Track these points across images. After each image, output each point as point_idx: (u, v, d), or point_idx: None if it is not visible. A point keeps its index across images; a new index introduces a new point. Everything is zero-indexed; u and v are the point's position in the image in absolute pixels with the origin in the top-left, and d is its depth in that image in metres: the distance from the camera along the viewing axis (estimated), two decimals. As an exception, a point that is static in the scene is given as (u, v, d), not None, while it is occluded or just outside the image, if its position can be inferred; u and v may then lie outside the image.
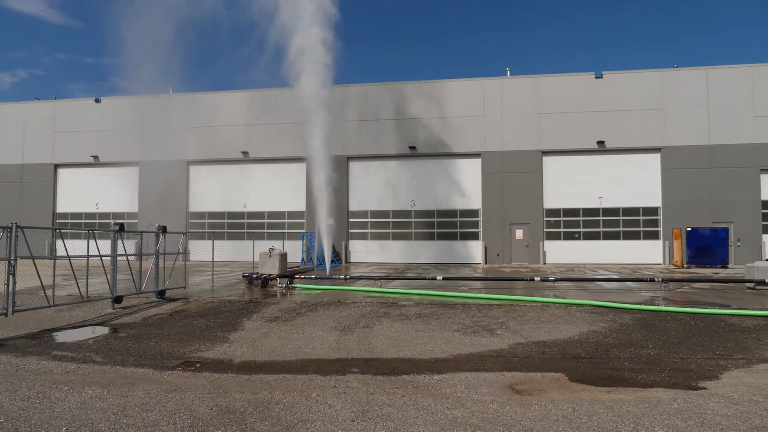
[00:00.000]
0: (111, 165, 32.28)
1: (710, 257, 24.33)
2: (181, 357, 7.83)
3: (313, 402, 5.73)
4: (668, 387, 6.25)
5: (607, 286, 16.82)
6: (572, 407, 5.51)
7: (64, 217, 33.00)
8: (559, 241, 27.87)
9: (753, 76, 26.54)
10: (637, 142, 27.20)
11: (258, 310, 12.28)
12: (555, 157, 28.01)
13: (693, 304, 12.84)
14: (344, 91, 29.61)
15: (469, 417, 5.27)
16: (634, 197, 27.33)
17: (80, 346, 8.64)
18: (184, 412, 5.41)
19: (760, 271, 15.23)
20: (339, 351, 8.20)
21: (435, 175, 29.05)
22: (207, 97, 31.60)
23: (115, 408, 5.55)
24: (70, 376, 6.80)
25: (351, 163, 29.77)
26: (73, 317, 11.38)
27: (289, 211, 30.41)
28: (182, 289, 15.56)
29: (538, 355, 7.93)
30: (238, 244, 29.62)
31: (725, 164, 26.38)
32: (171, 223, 20.94)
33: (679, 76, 27.29)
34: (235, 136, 30.31)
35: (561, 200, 27.88)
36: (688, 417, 5.23)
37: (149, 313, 12.05)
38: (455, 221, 28.89)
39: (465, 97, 28.74)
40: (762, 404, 5.61)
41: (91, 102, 32.92)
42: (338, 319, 10.90)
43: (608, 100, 27.51)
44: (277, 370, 7.10)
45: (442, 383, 6.42)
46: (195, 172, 31.57)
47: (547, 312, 11.74)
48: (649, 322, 10.44)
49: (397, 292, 15.05)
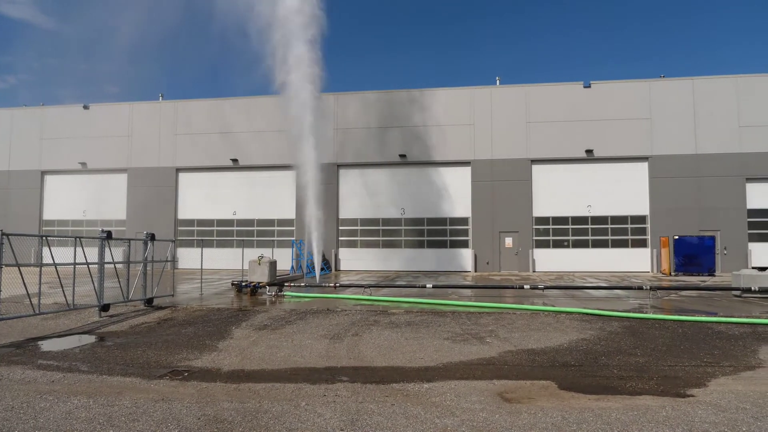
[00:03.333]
0: (99, 172, 32.04)
1: (697, 265, 24.55)
2: (168, 366, 7.75)
3: (302, 411, 5.69)
4: (656, 394, 6.28)
5: (596, 294, 16.90)
6: (562, 415, 5.52)
7: (51, 224, 32.66)
8: (548, 249, 28.00)
9: (738, 86, 26.93)
10: (625, 151, 27.46)
11: (247, 318, 12.21)
12: (544, 165, 28.19)
13: (681, 311, 12.93)
14: (334, 99, 29.67)
15: (459, 425, 5.25)
16: (623, 206, 27.54)
17: (66, 355, 8.53)
18: (172, 422, 5.36)
19: (746, 279, 15.38)
20: (328, 359, 8.16)
21: (425, 183, 29.11)
22: (196, 104, 31.53)
23: (101, 418, 5.47)
24: (56, 385, 6.71)
25: (341, 170, 29.77)
26: (59, 326, 11.25)
27: (279, 218, 30.32)
28: (170, 297, 15.44)
29: (527, 363, 7.94)
30: (227, 251, 29.47)
31: (712, 173, 26.69)
32: (159, 230, 20.82)
33: (666, 86, 27.64)
34: (224, 143, 30.24)
35: (550, 208, 28.04)
36: (677, 425, 5.25)
37: (137, 321, 11.93)
38: (445, 229, 28.93)
39: (455, 106, 28.89)
40: (749, 411, 5.65)
41: (79, 108, 32.70)
42: (328, 327, 10.86)
43: (596, 110, 27.77)
44: (266, 378, 7.05)
45: (432, 391, 6.41)
46: (184, 180, 31.40)
47: (536, 320, 11.78)
48: (638, 330, 10.50)
49: (387, 300, 15.02)
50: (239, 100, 30.97)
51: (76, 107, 32.89)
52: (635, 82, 28.00)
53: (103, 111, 32.48)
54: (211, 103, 31.34)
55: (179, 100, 31.83)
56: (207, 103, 31.39)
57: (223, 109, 30.86)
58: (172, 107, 31.60)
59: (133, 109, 32.07)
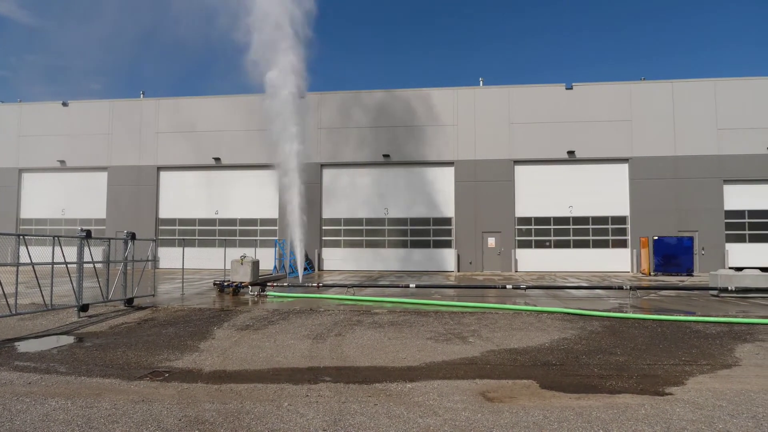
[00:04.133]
0: (78, 170, 31.57)
1: (676, 265, 24.94)
2: (148, 367, 7.66)
3: (285, 411, 5.67)
4: (636, 393, 6.36)
5: (577, 293, 17.08)
6: (543, 414, 5.57)
7: (29, 223, 32.09)
8: (530, 249, 28.22)
9: (716, 90, 27.41)
10: (606, 152, 27.79)
11: (229, 318, 12.12)
12: (527, 166, 28.40)
13: (660, 311, 13.12)
14: (318, 99, 29.59)
15: (442, 425, 5.27)
16: (603, 206, 27.87)
17: (43, 356, 8.39)
18: (152, 423, 5.29)
19: (723, 279, 15.68)
20: (311, 359, 8.13)
21: (408, 183, 29.15)
22: (178, 102, 31.21)
23: (80, 420, 5.39)
24: (33, 387, 6.59)
25: (324, 170, 29.69)
26: (36, 326, 11.05)
27: (262, 218, 30.14)
28: (151, 297, 15.27)
29: (509, 362, 7.99)
30: (209, 251, 29.23)
31: (690, 175, 27.14)
32: (140, 229, 20.58)
33: (646, 89, 28.03)
34: (207, 142, 29.97)
35: (532, 209, 28.26)
36: (655, 422, 5.33)
37: (116, 321, 11.77)
38: (428, 229, 29.01)
39: (439, 106, 28.97)
40: (725, 409, 5.75)
41: (58, 105, 32.17)
42: (311, 328, 10.82)
43: (578, 111, 28.06)
44: (248, 379, 7.01)
45: (415, 391, 6.42)
46: (165, 178, 31.06)
47: (518, 319, 11.86)
48: (618, 329, 10.63)
49: (370, 300, 15.02)
50: (222, 98, 30.74)
51: (55, 104, 32.35)
52: (616, 84, 28.36)
53: (83, 108, 32.00)
54: (193, 101, 31.03)
55: (161, 98, 31.47)
56: (189, 101, 31.07)
57: (205, 107, 30.58)
58: (154, 105, 31.24)
59: (114, 107, 31.64)
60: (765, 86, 27.30)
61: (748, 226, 27.11)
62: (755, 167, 26.87)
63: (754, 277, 15.51)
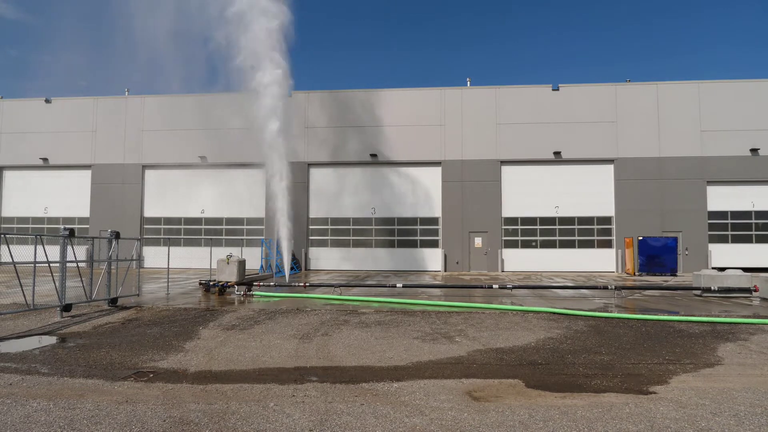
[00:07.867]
0: (61, 168, 31.18)
1: (660, 265, 25.22)
2: (133, 367, 7.58)
3: (271, 412, 5.63)
4: (620, 392, 6.41)
5: (563, 293, 17.20)
6: (529, 413, 5.59)
7: (10, 221, 31.61)
8: (516, 249, 28.36)
9: (700, 92, 27.75)
10: (592, 153, 28.02)
11: (215, 318, 12.03)
12: (513, 166, 28.55)
13: (644, 311, 13.26)
14: (306, 98, 29.50)
15: (428, 424, 5.27)
16: (589, 207, 28.10)
17: (25, 356, 8.27)
18: (136, 424, 5.24)
19: (707, 279, 15.89)
20: (297, 359, 8.09)
21: (395, 183, 29.15)
22: (164, 100, 30.92)
23: (62, 421, 5.32)
24: (14, 388, 6.49)
25: (312, 169, 29.60)
26: (17, 326, 10.89)
27: (248, 217, 29.97)
28: (136, 296, 15.12)
29: (495, 361, 8.02)
30: (194, 250, 28.98)
31: (674, 176, 27.46)
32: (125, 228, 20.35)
33: (631, 90, 28.30)
34: (193, 140, 29.71)
35: (519, 209, 28.41)
36: (639, 421, 5.37)
37: (100, 321, 11.63)
38: (415, 229, 29.05)
39: (426, 106, 29.02)
40: (708, 407, 5.82)
41: (41, 102, 31.72)
42: (297, 327, 10.78)
43: (564, 112, 28.26)
44: (234, 379, 6.96)
45: (401, 391, 6.42)
46: (150, 177, 30.76)
47: (504, 319, 11.91)
48: (603, 329, 10.72)
49: (357, 300, 15.00)
50: (208, 96, 30.39)
51: (38, 101, 31.88)
52: (602, 85, 28.59)
53: (67, 105, 31.58)
54: (178, 98, 30.72)
55: (146, 95, 31.16)
56: (174, 99, 30.77)
57: (191, 105, 30.26)
58: (139, 102, 30.93)
59: (98, 104, 31.26)
60: (748, 89, 27.70)
61: (730, 227, 27.49)
62: (738, 169, 27.25)
63: (736, 278, 15.74)
